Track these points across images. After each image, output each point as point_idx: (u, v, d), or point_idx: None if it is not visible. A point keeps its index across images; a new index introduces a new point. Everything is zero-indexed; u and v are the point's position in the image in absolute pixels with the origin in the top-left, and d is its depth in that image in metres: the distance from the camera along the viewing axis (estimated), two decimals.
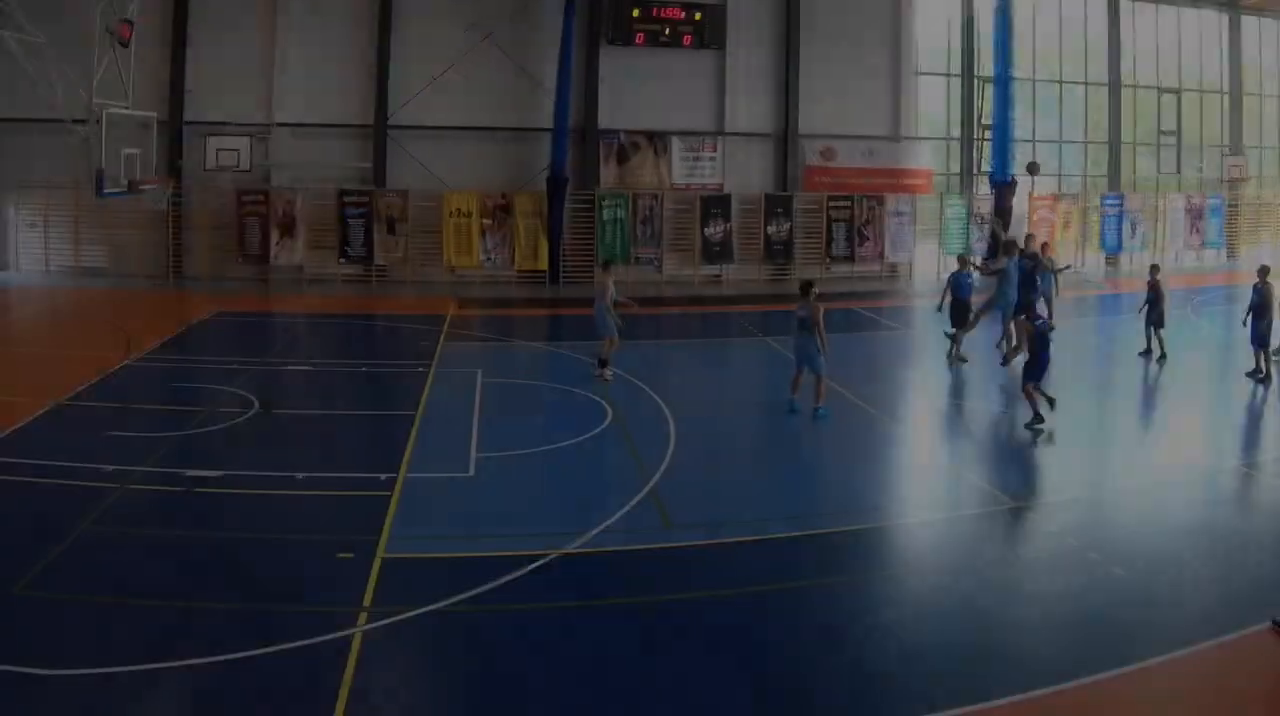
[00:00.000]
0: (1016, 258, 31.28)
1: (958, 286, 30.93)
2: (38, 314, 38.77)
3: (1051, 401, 23.26)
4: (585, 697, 11.87)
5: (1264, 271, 29.21)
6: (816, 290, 24.53)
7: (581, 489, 19.70)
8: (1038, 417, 22.89)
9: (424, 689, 12.48)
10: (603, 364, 27.36)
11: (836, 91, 49.60)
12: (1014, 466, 21.66)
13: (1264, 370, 28.06)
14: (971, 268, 32.02)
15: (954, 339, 30.72)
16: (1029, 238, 35.47)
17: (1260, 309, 28.16)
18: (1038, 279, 32.06)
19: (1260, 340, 28.15)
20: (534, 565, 15.25)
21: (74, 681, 11.75)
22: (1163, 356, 30.40)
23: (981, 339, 31.71)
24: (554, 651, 12.98)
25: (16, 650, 12.21)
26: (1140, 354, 30.90)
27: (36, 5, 33.23)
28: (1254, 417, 26.29)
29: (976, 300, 31.38)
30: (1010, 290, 30.27)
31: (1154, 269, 31.61)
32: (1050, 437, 22.85)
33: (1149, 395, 29.17)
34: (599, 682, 12.22)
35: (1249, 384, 27.90)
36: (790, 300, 32.42)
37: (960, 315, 30.72)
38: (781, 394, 24.96)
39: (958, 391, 28.69)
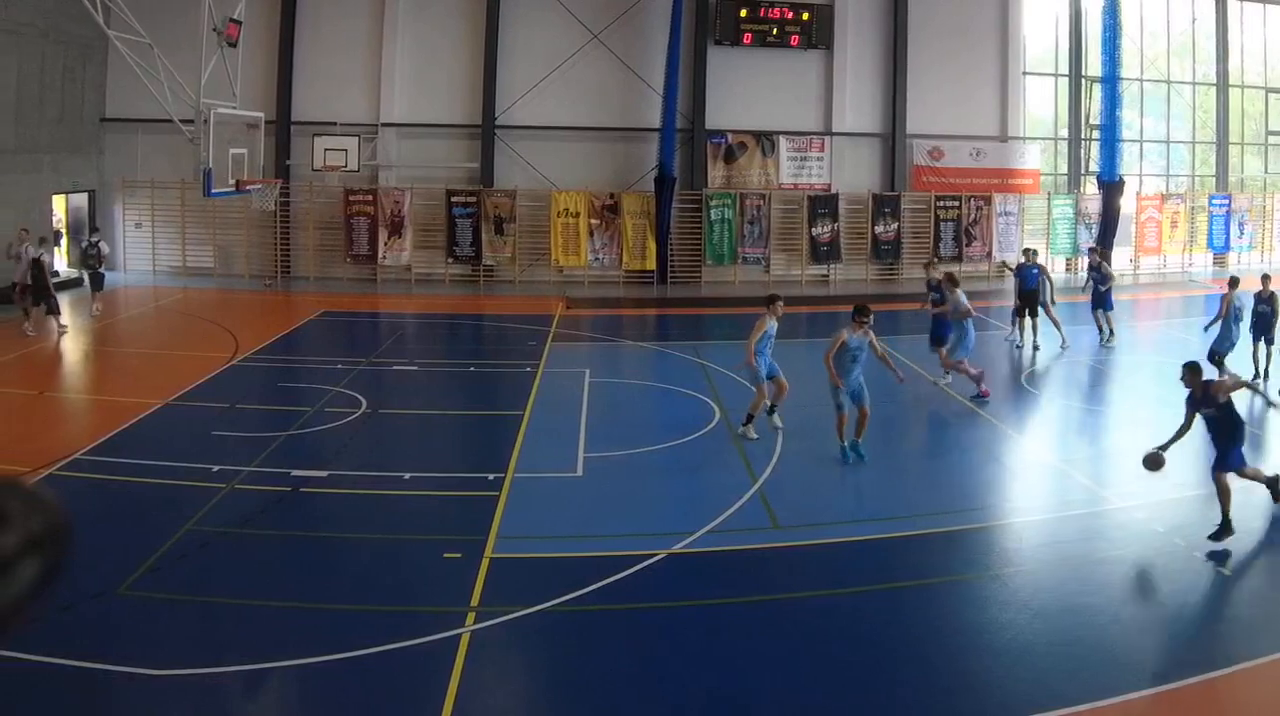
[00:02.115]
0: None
1: (1024, 278, 31.49)
2: (144, 314, 37.45)
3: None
4: (692, 698, 11.72)
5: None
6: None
7: (689, 489, 19.06)
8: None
9: (531, 689, 12.50)
10: (748, 419, 22.33)
11: (944, 91, 47.22)
12: (1121, 465, 20.55)
13: None
14: (928, 306, 29.11)
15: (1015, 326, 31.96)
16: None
17: None
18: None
19: None
20: (641, 565, 15.07)
21: (181, 681, 11.72)
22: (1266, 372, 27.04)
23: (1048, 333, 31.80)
24: (660, 651, 12.76)
25: (123, 650, 12.12)
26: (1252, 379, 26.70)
27: (144, 5, 31.78)
28: None
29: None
30: (969, 327, 26.56)
31: (1265, 279, 27.37)
32: (1160, 438, 20.87)
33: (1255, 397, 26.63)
34: (705, 683, 12.00)
35: None
36: (898, 299, 31.51)
37: (1027, 305, 31.39)
38: (888, 392, 23.82)
39: (1063, 390, 28.23)
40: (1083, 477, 19.76)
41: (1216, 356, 25.60)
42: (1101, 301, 32.31)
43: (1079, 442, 23.17)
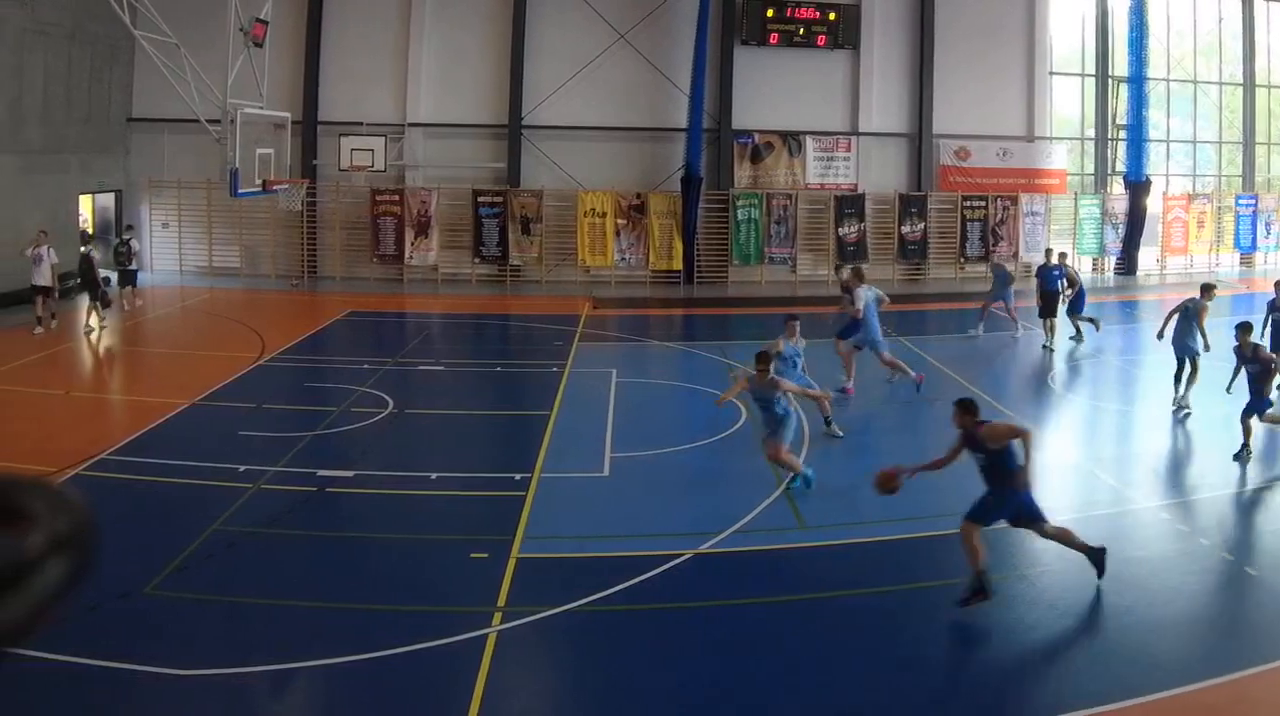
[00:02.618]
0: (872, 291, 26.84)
1: (1046, 279, 31.36)
2: (171, 314, 37.28)
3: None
4: (718, 698, 11.67)
5: None
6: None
7: (715, 489, 18.88)
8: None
9: (557, 689, 12.44)
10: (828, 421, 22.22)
11: (970, 92, 46.77)
12: (1146, 465, 20.90)
13: None
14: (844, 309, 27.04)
15: (1048, 330, 31.22)
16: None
17: None
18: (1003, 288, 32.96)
19: None
20: (667, 565, 14.96)
21: (207, 681, 11.68)
22: None
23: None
24: (686, 651, 12.74)
25: (150, 650, 12.05)
26: None
27: (171, 5, 31.48)
28: None
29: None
30: (873, 322, 25.98)
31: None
32: (1185, 438, 22.53)
33: None
34: (731, 683, 11.95)
35: None
36: (925, 299, 31.26)
37: (1049, 306, 31.15)
38: (914, 392, 24.36)
39: (1089, 391, 28.06)
40: (1108, 477, 19.62)
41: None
42: (1073, 307, 32.15)
43: (1104, 442, 23.03)
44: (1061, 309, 31.45)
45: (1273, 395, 20.69)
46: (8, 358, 27.93)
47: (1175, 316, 24.64)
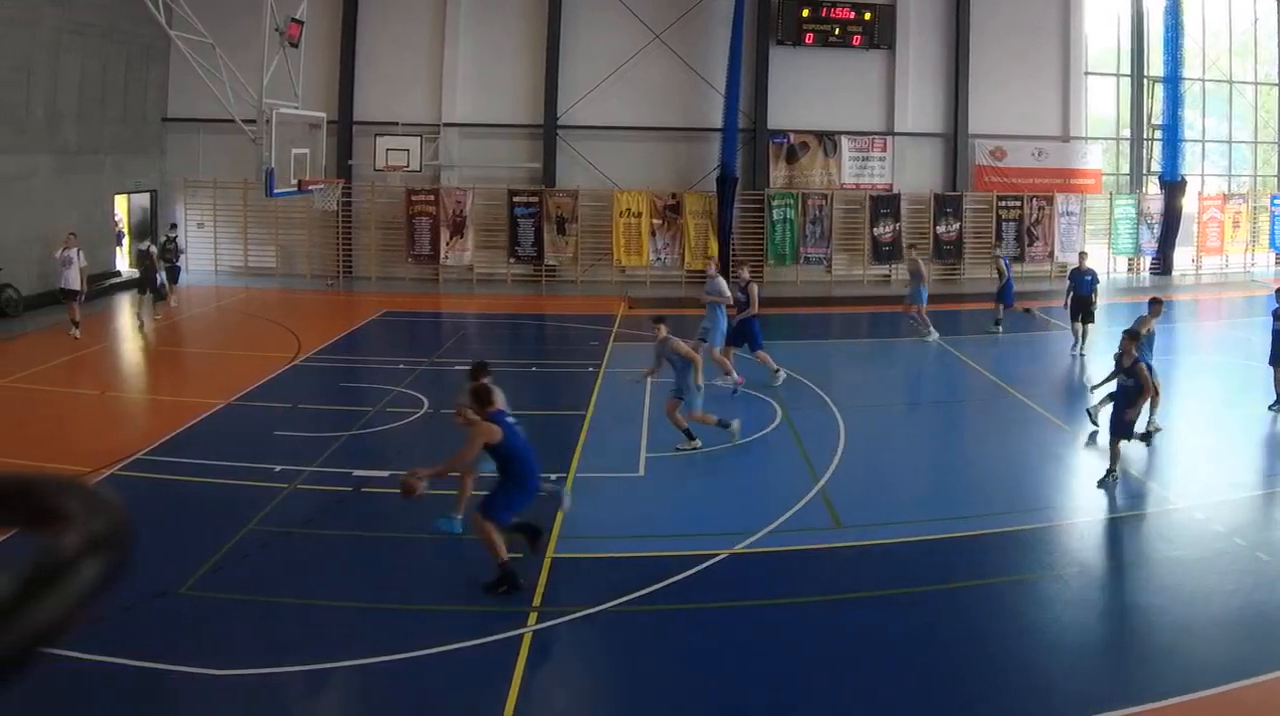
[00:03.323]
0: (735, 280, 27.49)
1: (1079, 283, 30.66)
2: (206, 314, 37.33)
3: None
4: (753, 698, 11.59)
5: None
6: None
7: (751, 489, 18.86)
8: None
9: (593, 689, 12.43)
10: None
11: (1006, 92, 46.47)
12: (1181, 466, 20.83)
13: None
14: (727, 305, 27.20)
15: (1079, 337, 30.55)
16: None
17: None
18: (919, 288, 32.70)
19: None
20: (703, 565, 14.89)
21: (241, 681, 11.67)
22: None
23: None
24: (722, 651, 12.60)
25: (185, 650, 12.06)
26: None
27: (206, 5, 31.47)
28: None
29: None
30: (719, 317, 26.41)
31: None
32: (1220, 439, 22.13)
33: None
34: (767, 683, 11.87)
35: None
36: (961, 300, 31.02)
37: (1081, 310, 30.45)
38: (949, 392, 24.70)
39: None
40: (1144, 478, 19.48)
41: None
42: (1000, 295, 33.71)
43: (1139, 443, 22.46)
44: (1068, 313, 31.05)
45: (1140, 425, 19.77)
46: (43, 358, 28.01)
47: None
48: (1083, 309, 30.45)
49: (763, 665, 12.21)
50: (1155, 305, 23.60)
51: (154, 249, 34.49)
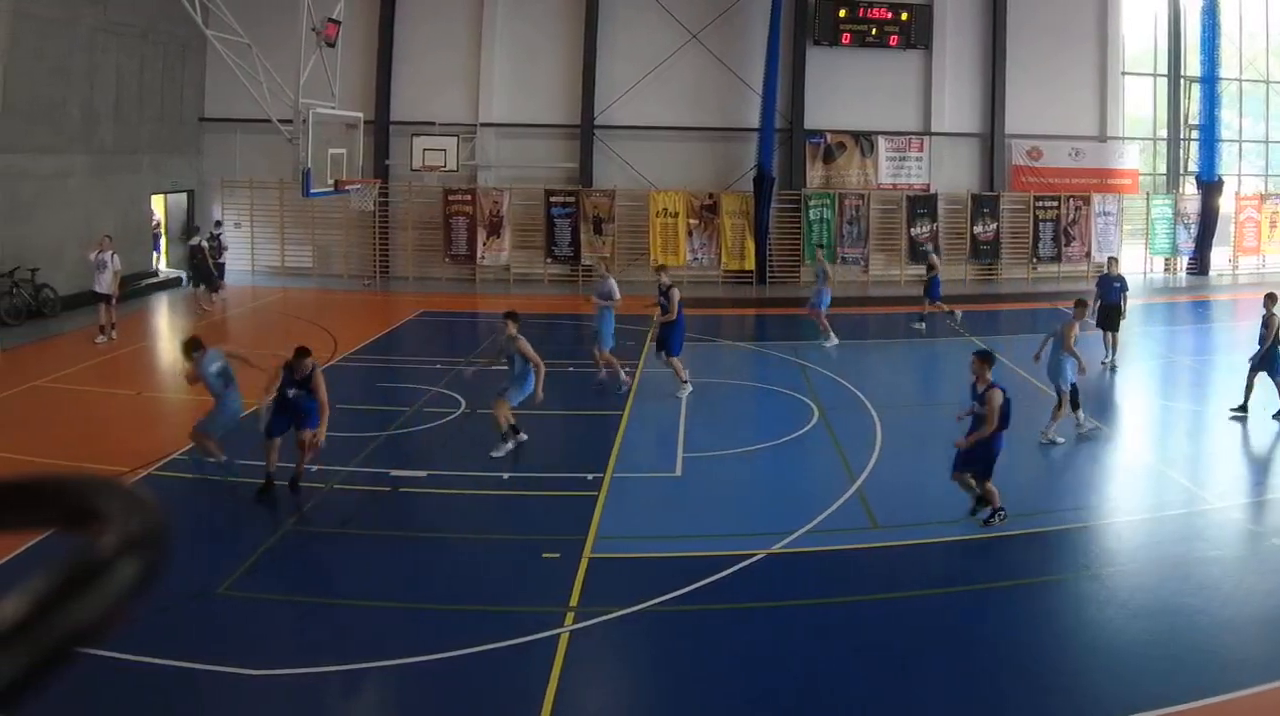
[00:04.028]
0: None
1: (1106, 291, 29.21)
2: (243, 314, 37.29)
3: None
4: (790, 697, 11.55)
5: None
6: None
7: (788, 489, 18.81)
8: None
9: (630, 689, 12.43)
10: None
11: (1043, 92, 46.28)
12: (1218, 466, 20.67)
13: None
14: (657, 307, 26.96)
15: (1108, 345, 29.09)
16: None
17: None
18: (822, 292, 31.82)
19: None
20: (740, 565, 14.84)
21: (278, 681, 11.71)
22: None
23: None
24: (759, 651, 12.58)
25: (222, 650, 12.06)
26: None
27: (243, 5, 31.57)
28: None
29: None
30: (608, 318, 26.70)
31: (1269, 299, 23.36)
32: (1257, 439, 22.11)
33: None
34: (804, 682, 11.89)
35: None
36: (999, 299, 30.77)
37: (1108, 317, 29.03)
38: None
39: (1160, 391, 27.95)
40: (1180, 477, 19.36)
41: None
42: (927, 289, 33.99)
43: (1176, 443, 22.80)
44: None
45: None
46: (79, 358, 28.06)
47: (1050, 340, 22.04)
48: (1109, 317, 28.83)
49: (800, 665, 12.20)
50: (1079, 307, 22.66)
51: (205, 244, 35.45)
